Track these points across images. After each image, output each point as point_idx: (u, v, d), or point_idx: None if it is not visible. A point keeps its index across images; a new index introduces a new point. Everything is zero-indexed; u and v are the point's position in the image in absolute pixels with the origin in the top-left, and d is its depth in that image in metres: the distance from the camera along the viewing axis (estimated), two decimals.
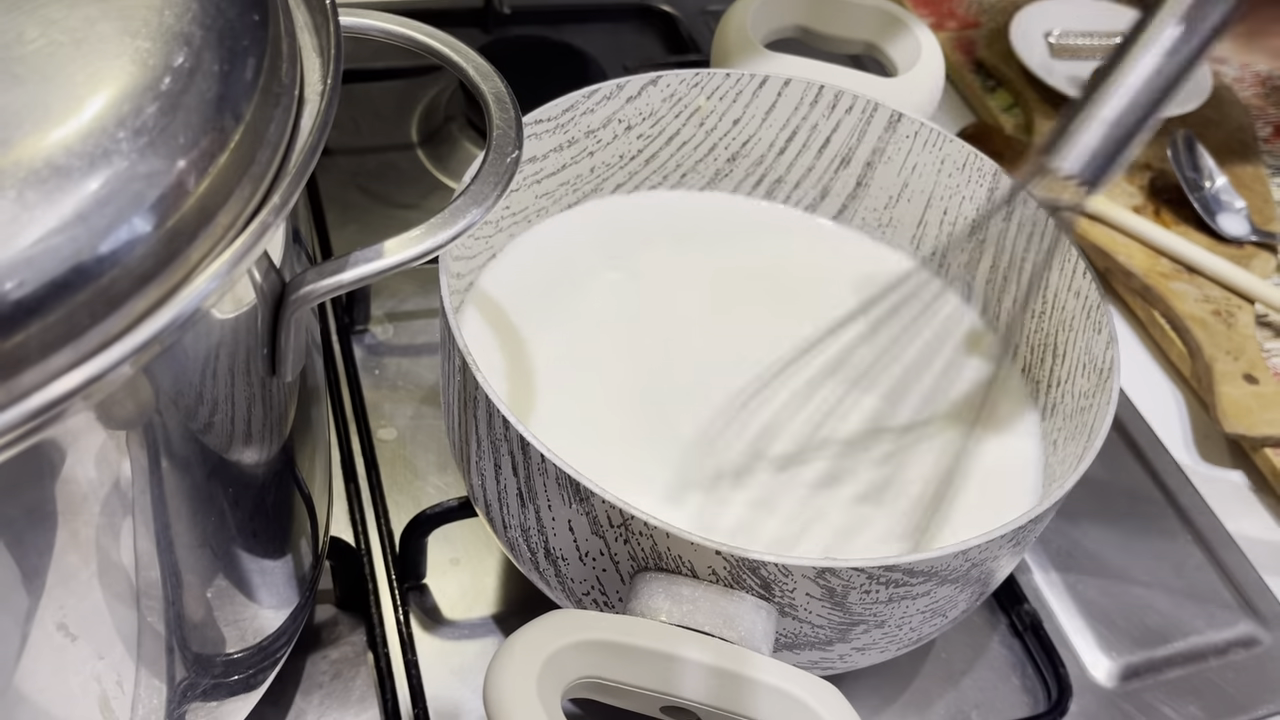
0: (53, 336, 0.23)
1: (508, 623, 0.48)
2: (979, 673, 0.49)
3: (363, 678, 0.46)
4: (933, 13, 0.84)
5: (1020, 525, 0.37)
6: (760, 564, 0.34)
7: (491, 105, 0.36)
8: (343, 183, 0.65)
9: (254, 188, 0.27)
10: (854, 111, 0.52)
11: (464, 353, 0.38)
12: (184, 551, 0.32)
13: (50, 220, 0.23)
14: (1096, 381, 0.43)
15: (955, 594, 0.38)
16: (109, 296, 0.24)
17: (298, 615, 0.42)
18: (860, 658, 0.40)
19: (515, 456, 0.37)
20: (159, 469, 0.29)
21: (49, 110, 0.24)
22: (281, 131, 0.29)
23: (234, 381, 0.31)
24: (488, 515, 0.42)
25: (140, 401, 0.27)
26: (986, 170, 0.50)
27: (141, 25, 0.26)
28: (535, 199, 0.51)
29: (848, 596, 0.36)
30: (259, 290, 0.30)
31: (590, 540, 0.37)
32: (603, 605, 0.39)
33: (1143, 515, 0.56)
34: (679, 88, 0.51)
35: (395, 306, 0.59)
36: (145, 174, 0.24)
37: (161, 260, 0.25)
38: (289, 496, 0.38)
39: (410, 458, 0.53)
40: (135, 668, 0.32)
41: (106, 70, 0.25)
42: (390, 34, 0.38)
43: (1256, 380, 0.60)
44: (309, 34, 0.32)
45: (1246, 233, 0.68)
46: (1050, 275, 0.48)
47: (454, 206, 0.33)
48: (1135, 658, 0.51)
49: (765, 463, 0.45)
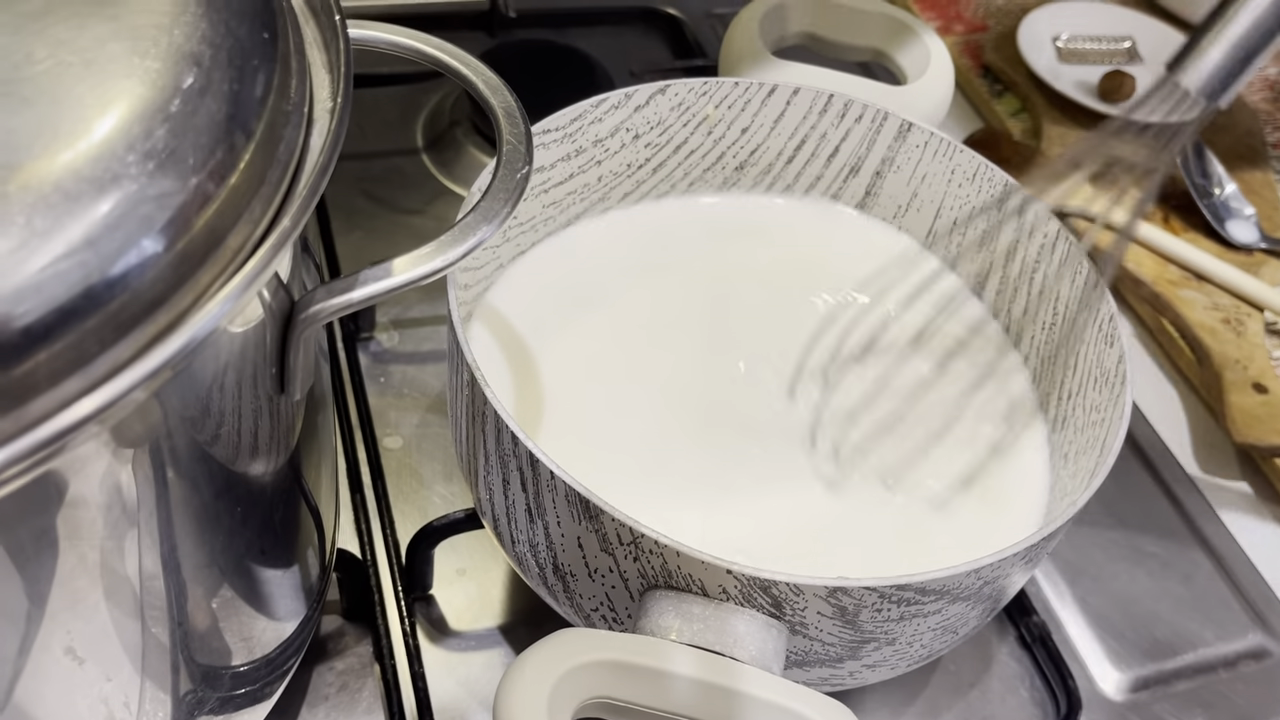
0: (62, 364, 0.23)
1: (515, 634, 0.48)
2: (987, 685, 0.49)
3: (369, 689, 0.46)
4: (940, 16, 0.84)
5: (1033, 543, 0.37)
6: (771, 583, 0.34)
7: (501, 120, 0.35)
8: (348, 188, 0.64)
9: (264, 209, 0.27)
10: (863, 120, 0.52)
11: (472, 368, 0.38)
12: (191, 569, 0.31)
13: (58, 246, 0.23)
14: (1108, 395, 0.43)
15: (967, 611, 0.38)
16: (118, 322, 0.23)
17: (304, 627, 0.41)
18: (870, 674, 0.40)
19: (524, 472, 0.37)
20: (166, 489, 0.29)
21: (57, 133, 0.24)
22: (291, 150, 0.28)
23: (242, 400, 0.30)
24: (495, 529, 0.42)
25: (148, 423, 0.27)
26: (997, 181, 0.50)
27: (151, 45, 0.26)
28: (543, 208, 0.50)
29: (859, 615, 0.36)
30: (268, 309, 0.30)
31: (600, 557, 0.37)
32: (612, 622, 0.39)
33: (1151, 526, 0.56)
34: (687, 96, 0.51)
35: (400, 314, 0.59)
36: (155, 197, 0.24)
37: (171, 285, 0.25)
38: (296, 510, 0.38)
39: (416, 466, 0.53)
40: (141, 686, 0.32)
41: (115, 92, 0.25)
42: (399, 46, 0.37)
43: (1266, 389, 0.60)
44: (318, 50, 0.32)
45: (1256, 240, 0.68)
46: (1061, 287, 0.48)
47: (463, 224, 0.32)
48: (1144, 670, 0.51)
49: (775, 473, 0.45)
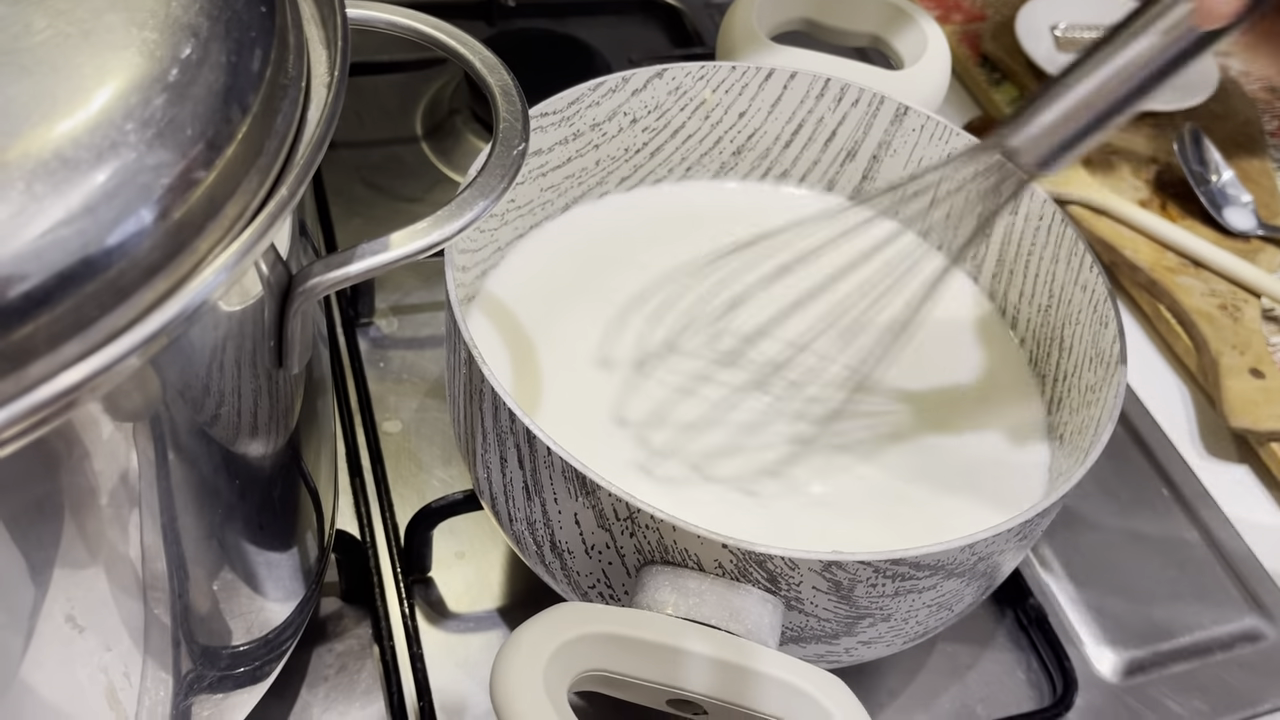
0: (61, 328, 0.23)
1: (513, 616, 0.48)
2: (984, 667, 0.49)
3: (368, 670, 0.46)
4: (938, 5, 0.84)
5: (1027, 519, 0.37)
6: (767, 557, 0.34)
7: (498, 97, 0.36)
8: (347, 176, 0.64)
9: (261, 180, 0.27)
10: (860, 104, 0.52)
11: (469, 344, 0.38)
12: (191, 544, 0.32)
13: (58, 212, 0.23)
14: (1103, 375, 0.43)
15: (961, 587, 0.38)
16: (117, 288, 0.24)
17: (303, 608, 0.42)
18: (866, 651, 0.40)
19: (521, 449, 0.37)
20: (166, 461, 0.29)
21: (56, 102, 0.24)
22: (289, 123, 0.28)
23: (241, 374, 0.31)
24: (493, 508, 0.42)
25: (147, 393, 0.27)
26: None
27: (149, 16, 0.26)
28: (540, 192, 0.50)
29: (854, 590, 0.36)
30: (266, 282, 0.30)
31: (596, 533, 0.37)
32: (609, 598, 0.39)
33: (1148, 510, 0.56)
34: (684, 80, 0.51)
35: (400, 300, 0.59)
36: (153, 166, 0.24)
37: (169, 252, 0.25)
38: (295, 489, 0.38)
39: (415, 451, 0.53)
40: (142, 660, 0.33)
41: (114, 62, 0.25)
42: (396, 26, 0.38)
43: (1262, 375, 0.60)
44: (315, 26, 0.32)
45: (1253, 227, 0.68)
46: (1057, 269, 0.48)
47: (460, 199, 0.32)
48: (1140, 652, 0.51)
49: (774, 453, 0.45)
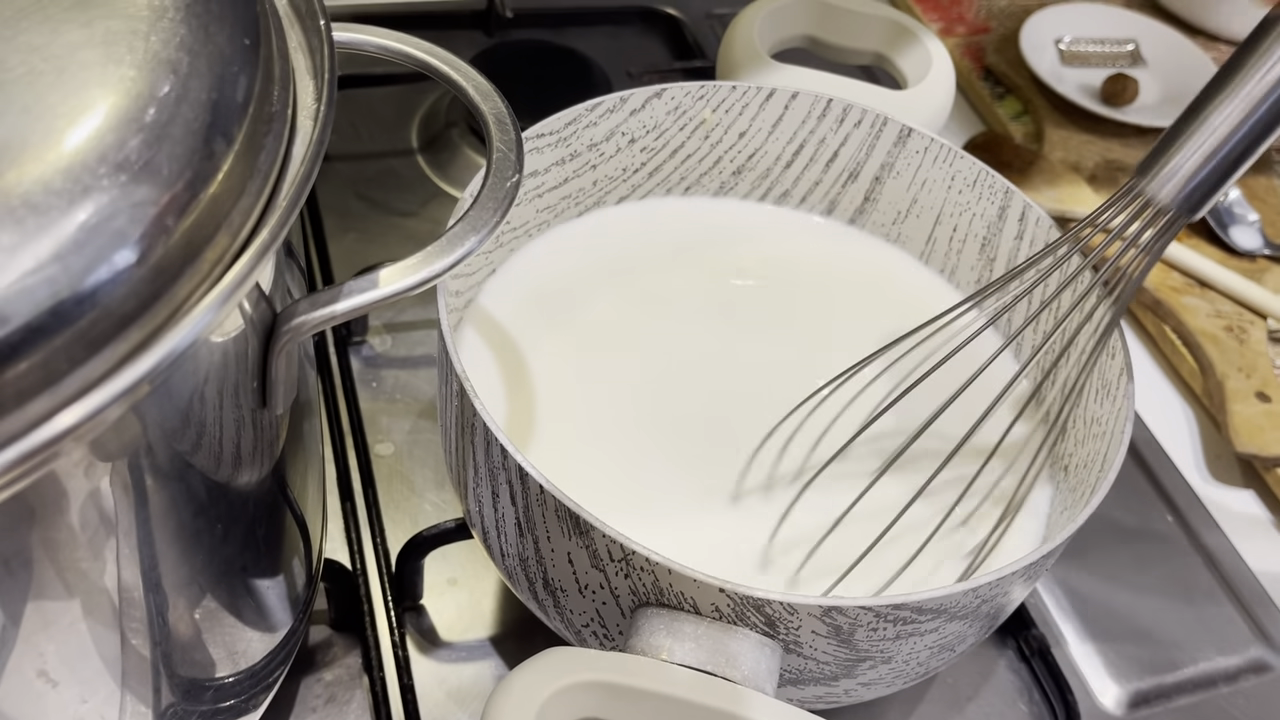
0: (28, 384, 0.22)
1: (505, 645, 0.47)
2: (985, 699, 0.48)
3: (358, 701, 0.45)
4: (942, 18, 0.83)
5: (1033, 561, 0.36)
6: (765, 602, 0.33)
7: (492, 126, 0.35)
8: (341, 190, 0.64)
9: (243, 219, 0.26)
10: (863, 125, 0.51)
11: (462, 379, 0.37)
12: (171, 591, 0.31)
13: (26, 262, 0.22)
14: (1110, 409, 0.42)
15: (964, 629, 0.38)
16: (90, 339, 0.23)
17: (290, 639, 0.41)
18: (865, 692, 0.39)
19: (514, 486, 0.36)
20: (145, 506, 0.28)
21: (26, 144, 0.23)
22: (272, 160, 0.27)
23: (223, 416, 0.30)
24: (485, 542, 0.41)
25: (126, 438, 0.26)
26: (998, 188, 0.49)
27: (126, 52, 0.25)
28: (536, 213, 0.50)
29: (854, 634, 0.35)
30: (249, 321, 0.29)
31: (590, 573, 0.36)
32: (603, 638, 0.38)
33: (1152, 536, 0.55)
34: (684, 100, 0.50)
35: (393, 317, 0.58)
36: (128, 210, 0.23)
37: (146, 299, 0.24)
38: (281, 522, 0.37)
39: (407, 474, 0.52)
40: (121, 703, 0.32)
41: (88, 101, 0.24)
42: (388, 50, 0.37)
43: (1269, 398, 0.59)
44: (303, 54, 0.31)
45: (1259, 246, 0.67)
46: (1062, 297, 0.47)
47: (452, 233, 0.32)
48: (1144, 684, 0.50)
49: (773, 488, 0.44)
